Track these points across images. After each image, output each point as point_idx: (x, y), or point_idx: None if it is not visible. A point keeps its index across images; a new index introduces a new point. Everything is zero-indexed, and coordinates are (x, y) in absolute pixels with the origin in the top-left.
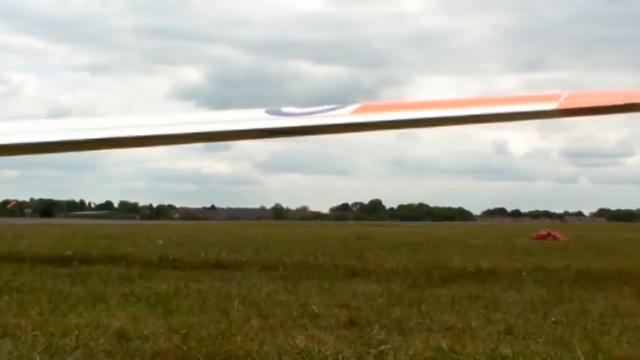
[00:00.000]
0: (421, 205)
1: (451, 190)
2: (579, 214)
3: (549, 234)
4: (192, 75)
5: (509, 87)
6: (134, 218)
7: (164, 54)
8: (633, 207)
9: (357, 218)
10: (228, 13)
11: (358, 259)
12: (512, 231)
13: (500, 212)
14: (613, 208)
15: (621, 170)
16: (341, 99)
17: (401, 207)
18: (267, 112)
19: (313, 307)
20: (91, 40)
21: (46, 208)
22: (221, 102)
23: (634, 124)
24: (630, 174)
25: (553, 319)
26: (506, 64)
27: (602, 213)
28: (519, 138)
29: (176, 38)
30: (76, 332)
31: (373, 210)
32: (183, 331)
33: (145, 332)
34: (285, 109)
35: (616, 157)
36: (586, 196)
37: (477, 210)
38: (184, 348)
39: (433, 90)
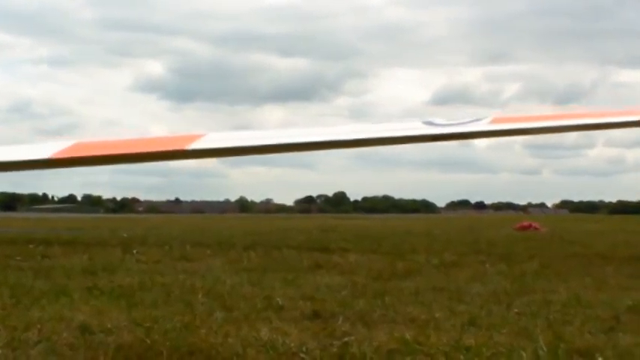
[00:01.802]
0: (386, 198)
1: (415, 183)
2: (542, 205)
3: (530, 225)
4: (155, 68)
5: (472, 79)
6: (98, 212)
7: (126, 47)
8: (595, 198)
9: (321, 211)
10: (191, 6)
11: (322, 251)
12: (479, 223)
13: (464, 204)
14: (575, 199)
15: (583, 162)
16: (305, 92)
17: (365, 199)
18: (424, 123)
19: (277, 299)
20: (52, 33)
21: (9, 202)
22: (184, 95)
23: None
24: (592, 166)
25: (516, 310)
26: (469, 57)
27: (565, 205)
28: None
29: (139, 31)
30: (39, 326)
31: (338, 202)
32: (147, 324)
33: (109, 325)
34: (435, 121)
35: (578, 149)
36: (549, 188)
37: (441, 202)
38: (148, 341)
39: (396, 82)
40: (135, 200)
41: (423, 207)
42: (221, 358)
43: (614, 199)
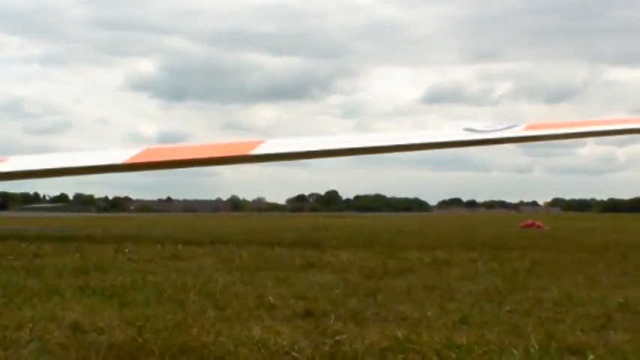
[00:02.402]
0: (378, 196)
1: (407, 181)
2: (534, 203)
3: (533, 223)
4: (147, 67)
5: (463, 78)
6: (90, 211)
7: (118, 45)
8: (586, 196)
9: (313, 209)
10: (182, 5)
11: (315, 250)
12: (476, 222)
13: (456, 202)
14: (567, 197)
15: (575, 160)
16: (297, 91)
17: (357, 198)
18: (465, 129)
19: (269, 298)
20: (43, 32)
21: (0, 202)
22: (176, 94)
23: (586, 115)
24: (583, 164)
25: (508, 308)
26: (460, 55)
27: (557, 203)
28: None
29: (130, 29)
30: (31, 325)
31: (330, 201)
32: (139, 323)
33: (101, 324)
34: (475, 127)
35: (569, 147)
36: (540, 186)
37: (433, 200)
38: (140, 340)
39: (388, 81)
40: (127, 199)
41: (415, 205)
42: (213, 357)
43: (605, 197)
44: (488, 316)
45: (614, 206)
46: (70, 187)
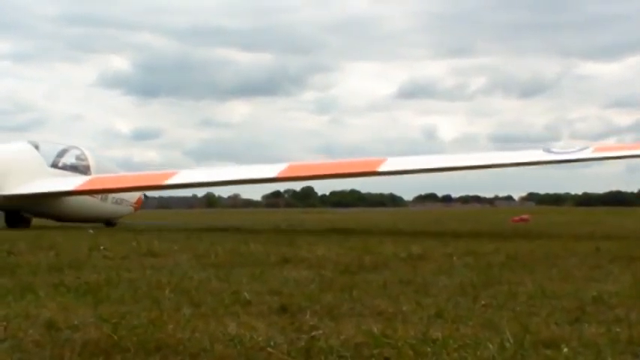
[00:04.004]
0: (353, 192)
1: (382, 177)
2: (509, 198)
3: (521, 218)
4: (119, 63)
5: (436, 73)
6: None
7: (90, 42)
8: (561, 190)
9: (288, 205)
10: (153, 1)
11: (290, 245)
12: (444, 216)
13: (431, 197)
14: (541, 192)
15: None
16: (270, 87)
17: (333, 193)
18: (544, 151)
19: (245, 294)
20: (13, 29)
21: None
22: (148, 90)
23: (560, 109)
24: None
25: (482, 302)
26: (433, 51)
27: (531, 197)
28: (448, 123)
29: (101, 26)
30: (5, 323)
31: (305, 197)
32: (114, 320)
33: (75, 322)
34: (552, 149)
35: (543, 141)
36: (515, 181)
37: (408, 195)
38: (115, 337)
39: (361, 76)
40: None
41: (390, 201)
42: (188, 354)
43: (579, 191)
44: (464, 311)
45: (588, 200)
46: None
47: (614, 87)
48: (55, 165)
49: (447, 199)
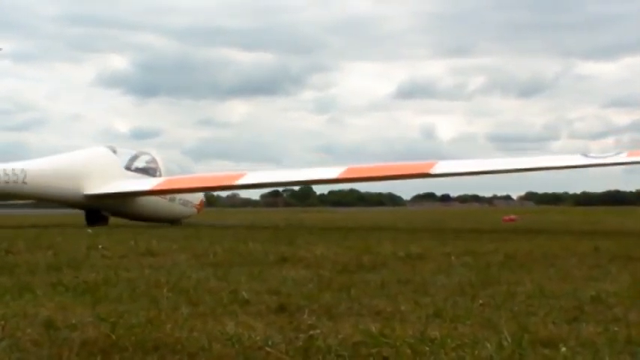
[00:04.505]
0: (352, 191)
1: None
2: (508, 197)
3: (510, 218)
4: (119, 63)
5: (435, 72)
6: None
7: (90, 42)
8: (560, 190)
9: (287, 204)
10: (154, 0)
11: (288, 245)
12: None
13: (429, 197)
14: (540, 191)
15: (548, 154)
16: (269, 86)
17: (331, 193)
18: (581, 155)
19: (243, 293)
20: (14, 29)
21: None
22: (148, 90)
23: (559, 109)
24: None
25: (481, 301)
26: (432, 50)
27: (530, 196)
28: (447, 123)
29: (102, 26)
30: (3, 322)
31: (304, 196)
32: (112, 320)
33: (73, 321)
34: (590, 154)
35: (542, 141)
36: (514, 180)
37: (406, 195)
38: (113, 336)
39: (361, 76)
40: None
41: (389, 200)
42: (187, 353)
43: (578, 191)
44: (462, 310)
45: (587, 199)
46: None
47: (613, 87)
48: (129, 168)
49: (445, 198)
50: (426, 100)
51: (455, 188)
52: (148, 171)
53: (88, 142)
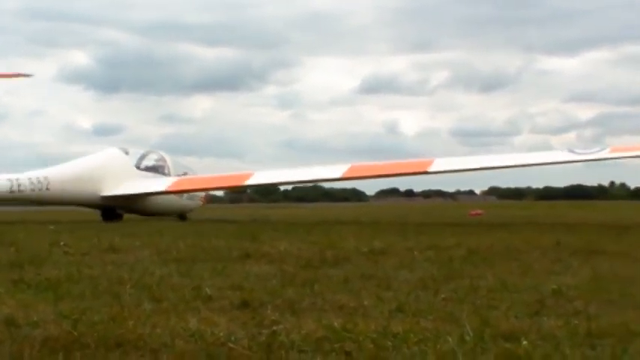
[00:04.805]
0: (316, 187)
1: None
2: (471, 192)
3: (476, 213)
4: (80, 58)
5: (398, 68)
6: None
7: (50, 37)
8: (522, 185)
9: (252, 200)
10: None
11: (252, 241)
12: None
13: (393, 192)
14: (503, 186)
15: (509, 149)
16: (232, 82)
17: (295, 189)
18: (569, 151)
19: (206, 289)
20: None
21: None
22: (110, 85)
23: (521, 104)
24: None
25: (443, 296)
26: (395, 46)
27: (493, 191)
28: (410, 118)
29: (63, 21)
30: None
31: (268, 192)
32: (74, 317)
33: (35, 318)
34: (576, 150)
35: (504, 136)
36: (476, 175)
37: (370, 190)
38: (75, 333)
39: (324, 71)
40: None
41: (353, 196)
42: (149, 349)
43: (540, 186)
44: (424, 305)
45: (549, 194)
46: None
47: (575, 82)
48: (139, 167)
49: (409, 193)
50: (389, 96)
51: (418, 183)
52: (157, 169)
53: (49, 139)
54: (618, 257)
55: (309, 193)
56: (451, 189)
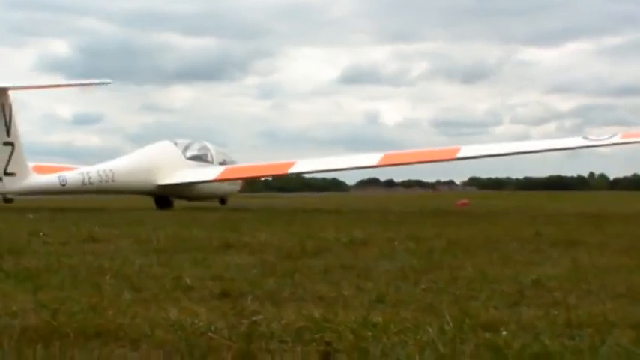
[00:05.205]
0: (296, 177)
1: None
2: (451, 182)
3: (462, 203)
4: (61, 47)
5: (379, 58)
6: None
7: (30, 26)
8: (502, 175)
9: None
10: None
11: (233, 231)
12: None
13: (374, 182)
14: (483, 176)
15: (490, 140)
16: (213, 72)
17: (276, 179)
18: (583, 138)
19: (186, 279)
20: None
21: None
22: (90, 75)
23: (502, 95)
24: (499, 143)
25: (423, 286)
26: (376, 36)
27: (473, 182)
28: (391, 109)
29: (43, 10)
30: None
31: (249, 182)
32: (54, 306)
33: (14, 308)
34: (589, 137)
35: (485, 126)
36: (457, 166)
37: (351, 180)
38: (54, 323)
39: (305, 61)
40: None
41: (333, 186)
42: (129, 339)
43: (520, 176)
44: (404, 295)
45: (529, 185)
46: None
47: (555, 73)
48: (187, 157)
49: (389, 184)
50: (370, 86)
51: (399, 174)
52: (202, 158)
53: (29, 128)
54: (597, 248)
55: (290, 183)
56: (432, 179)
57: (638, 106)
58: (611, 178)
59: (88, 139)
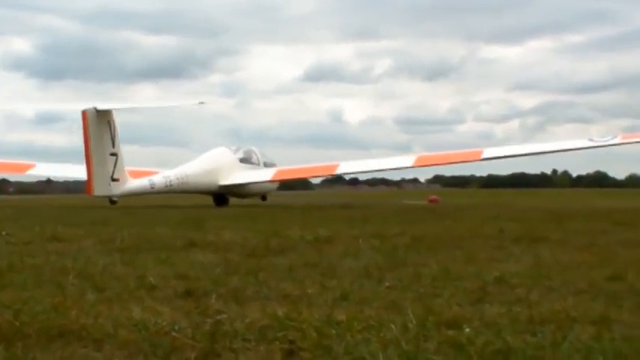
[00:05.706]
0: None
1: (288, 160)
2: (415, 180)
3: (434, 199)
4: (21, 45)
5: (342, 56)
6: None
7: None
8: (466, 173)
9: None
10: None
11: (197, 229)
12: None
13: (338, 180)
14: (447, 174)
15: (453, 137)
16: (175, 69)
17: None
18: (588, 139)
19: (150, 278)
20: None
21: None
22: (52, 73)
23: (465, 92)
24: (462, 141)
25: (387, 284)
26: (339, 33)
27: (437, 179)
28: (354, 106)
29: (3, 8)
30: None
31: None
32: (16, 307)
33: None
34: (594, 138)
35: (448, 124)
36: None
37: (315, 178)
38: (17, 323)
39: (268, 59)
40: (5, 181)
41: (298, 184)
42: (92, 339)
43: (484, 174)
44: (368, 293)
45: (493, 182)
46: None
47: (517, 70)
48: (239, 160)
49: (354, 182)
50: (333, 84)
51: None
52: (250, 160)
53: None
54: (560, 245)
55: None
56: (396, 177)
57: (598, 103)
58: (574, 175)
59: (49, 138)
